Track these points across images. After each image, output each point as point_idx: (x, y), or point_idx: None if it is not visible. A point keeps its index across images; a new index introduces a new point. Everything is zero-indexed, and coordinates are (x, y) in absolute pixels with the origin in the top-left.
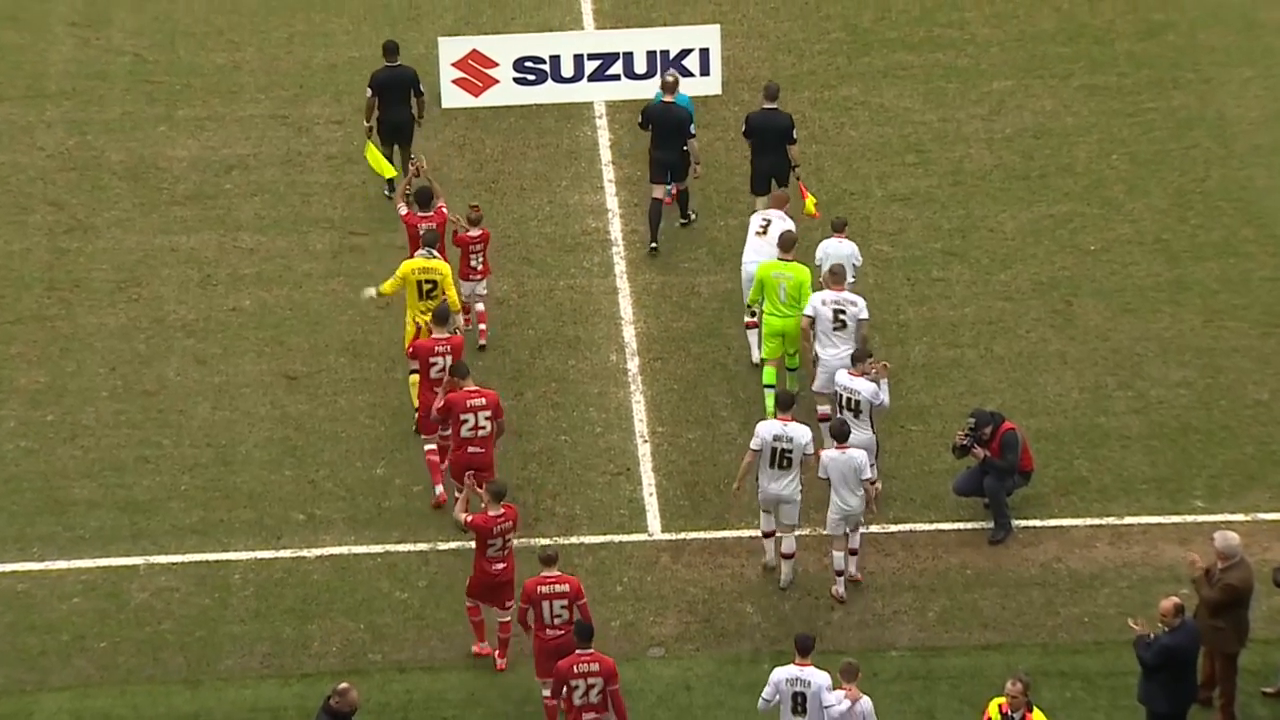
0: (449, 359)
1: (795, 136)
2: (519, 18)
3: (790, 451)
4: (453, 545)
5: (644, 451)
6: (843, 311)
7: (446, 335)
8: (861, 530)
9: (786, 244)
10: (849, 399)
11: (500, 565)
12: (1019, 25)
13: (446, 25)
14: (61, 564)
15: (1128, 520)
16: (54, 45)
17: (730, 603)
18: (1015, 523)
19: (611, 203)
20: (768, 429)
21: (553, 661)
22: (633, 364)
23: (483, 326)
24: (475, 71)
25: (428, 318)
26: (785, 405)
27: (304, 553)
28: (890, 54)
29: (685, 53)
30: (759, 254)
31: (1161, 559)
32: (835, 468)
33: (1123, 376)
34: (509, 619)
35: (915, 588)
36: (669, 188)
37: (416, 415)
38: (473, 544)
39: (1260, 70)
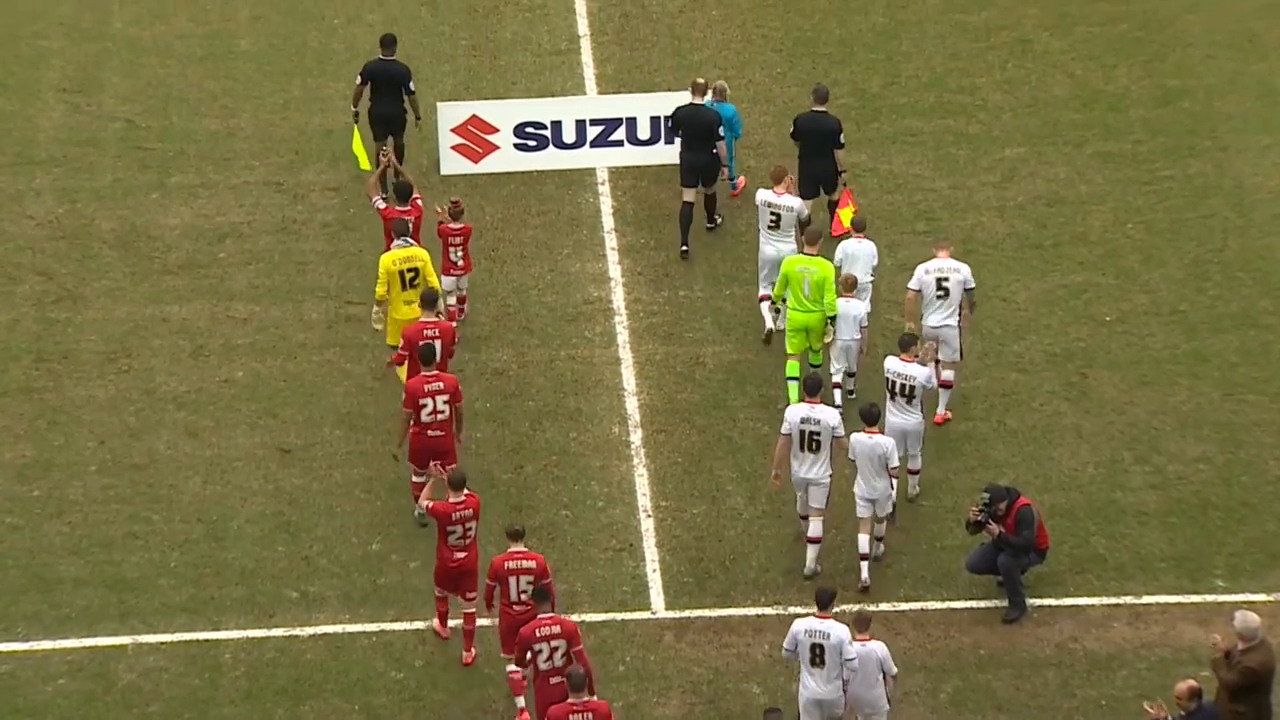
0: (438, 345)
1: (843, 140)
2: (520, 83)
3: (818, 434)
4: (450, 623)
5: (647, 527)
6: (946, 279)
7: (435, 319)
8: (889, 518)
9: (813, 238)
10: (903, 385)
11: (462, 554)
12: (1031, 91)
13: (446, 90)
14: (47, 644)
15: (1146, 600)
16: (44, 112)
17: (736, 683)
18: (1030, 601)
19: (614, 271)
20: (795, 413)
21: (516, 635)
22: (636, 437)
23: (463, 308)
24: (475, 137)
25: (414, 309)
26: (813, 389)
27: (297, 631)
28: (899, 120)
29: None
30: (773, 246)
31: (1181, 640)
32: (862, 451)
33: (1140, 451)
34: (474, 610)
35: (927, 668)
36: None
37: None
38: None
39: (1279, 138)
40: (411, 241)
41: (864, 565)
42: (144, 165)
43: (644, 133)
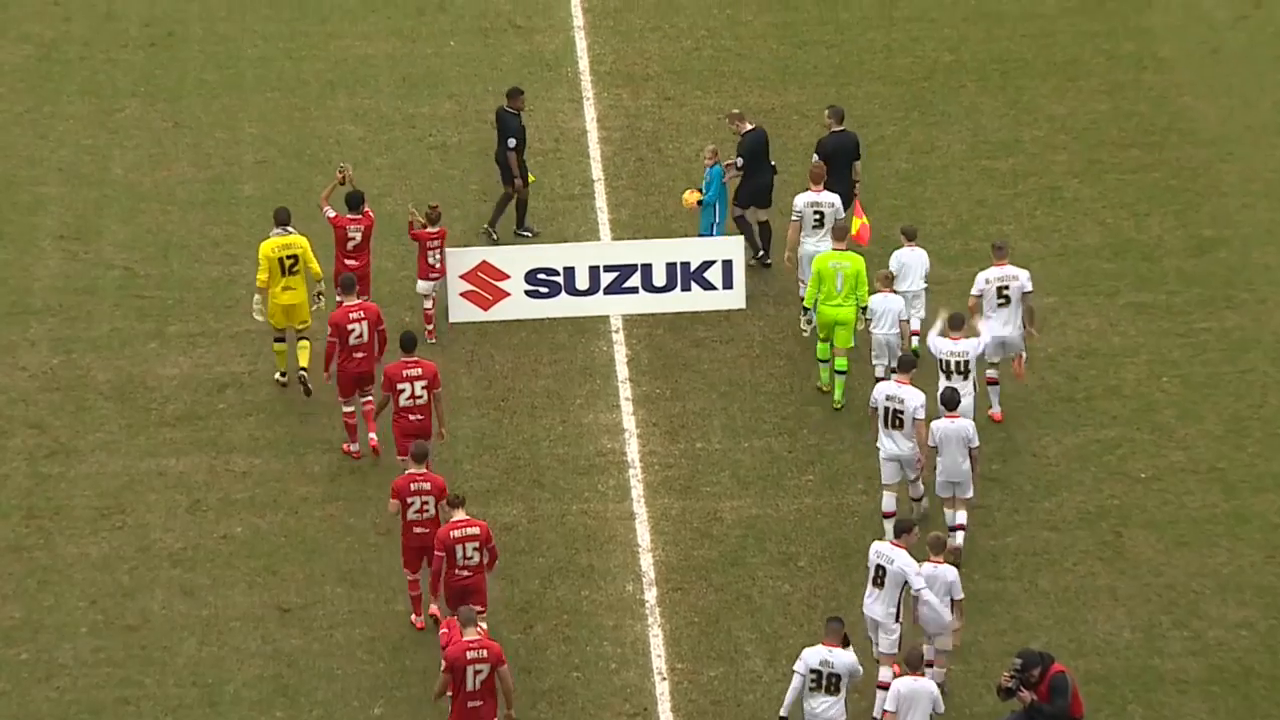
0: (365, 325)
1: (861, 153)
2: (532, 228)
3: (901, 412)
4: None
5: (662, 690)
6: (1006, 287)
7: (358, 302)
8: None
9: (839, 234)
10: (958, 362)
11: (422, 530)
12: (1061, 240)
13: (456, 236)
14: None
15: None
16: (40, 260)
17: None
18: None
19: (628, 422)
20: (882, 389)
21: (459, 601)
22: (650, 595)
23: (429, 327)
24: (485, 284)
25: (290, 295)
26: (905, 367)
27: None
28: None
29: (707, 265)
30: (816, 245)
31: None
32: (945, 435)
33: (1178, 615)
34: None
35: None
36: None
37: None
38: None
39: None
40: (291, 230)
41: (958, 535)
42: (142, 314)
43: (659, 279)
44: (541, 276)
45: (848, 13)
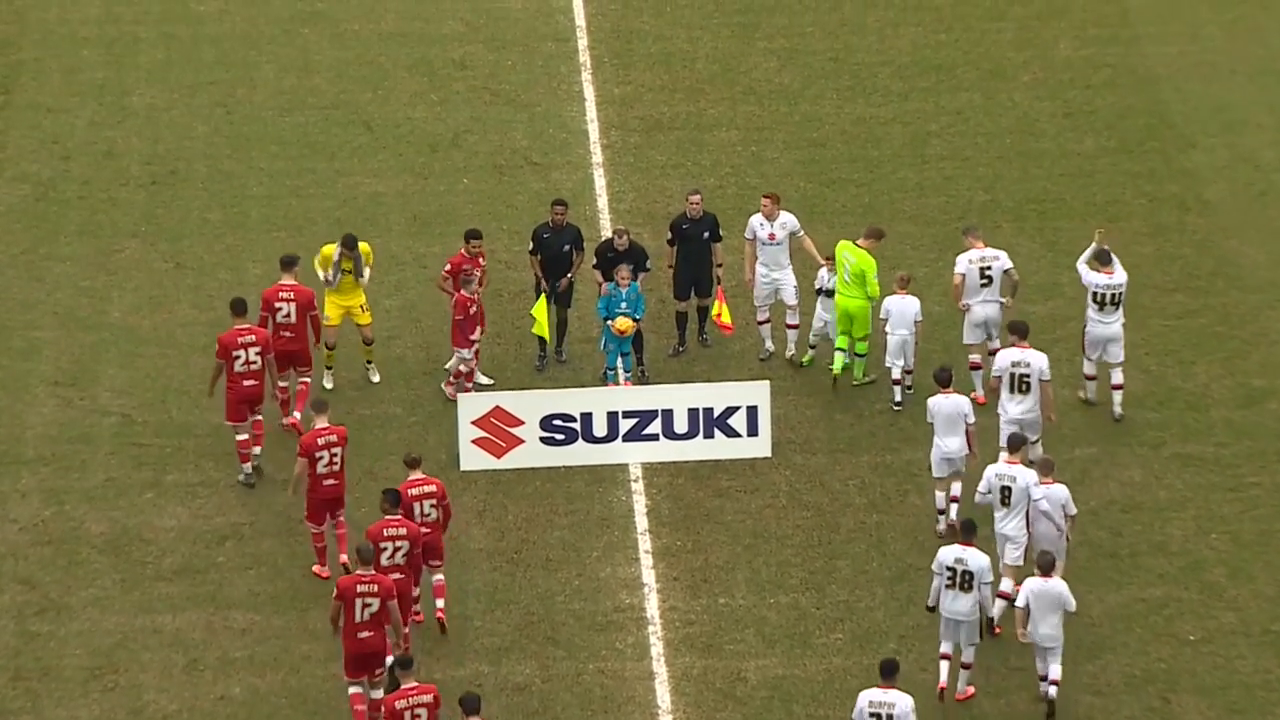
0: (293, 305)
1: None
2: (547, 372)
3: (1028, 376)
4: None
5: None
6: (988, 267)
7: (294, 283)
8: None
9: (868, 234)
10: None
11: (332, 482)
12: (1103, 388)
13: None
14: None
15: None
16: (33, 407)
17: None
18: None
19: (648, 576)
20: (1006, 356)
21: (426, 558)
22: None
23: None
24: (498, 431)
25: (342, 299)
26: (1022, 333)
27: None
28: None
29: (731, 410)
30: (764, 266)
31: None
32: (941, 411)
33: None
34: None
35: None
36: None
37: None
38: None
39: None
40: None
41: (953, 508)
42: (139, 463)
43: (681, 425)
44: (557, 423)
45: (878, 150)
